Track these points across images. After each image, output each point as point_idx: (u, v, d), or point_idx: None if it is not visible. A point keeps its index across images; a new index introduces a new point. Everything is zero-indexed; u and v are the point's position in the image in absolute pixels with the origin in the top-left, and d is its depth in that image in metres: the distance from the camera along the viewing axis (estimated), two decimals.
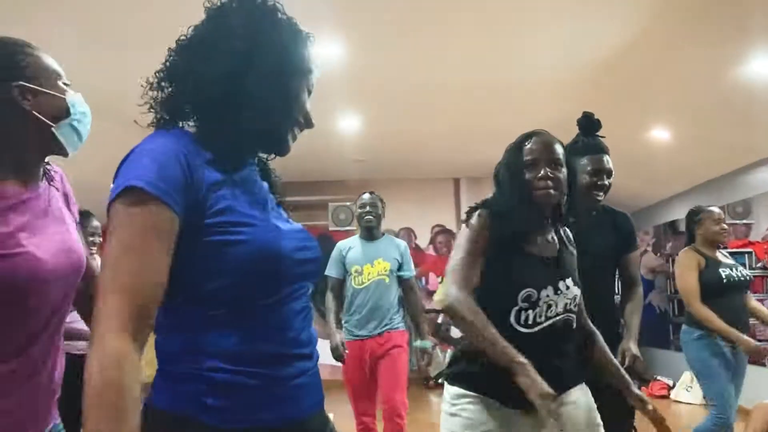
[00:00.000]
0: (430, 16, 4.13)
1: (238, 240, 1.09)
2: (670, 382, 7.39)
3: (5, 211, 1.27)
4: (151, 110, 1.19)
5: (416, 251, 9.21)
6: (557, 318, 1.92)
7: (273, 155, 1.34)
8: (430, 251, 9.30)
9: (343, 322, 4.17)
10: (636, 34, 4.21)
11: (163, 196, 1.03)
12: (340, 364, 4.12)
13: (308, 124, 1.31)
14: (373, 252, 4.11)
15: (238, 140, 1.19)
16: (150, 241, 1.02)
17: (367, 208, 4.17)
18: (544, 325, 1.90)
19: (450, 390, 1.98)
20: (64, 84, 1.43)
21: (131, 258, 1.00)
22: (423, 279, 9.18)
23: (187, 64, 1.17)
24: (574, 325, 1.99)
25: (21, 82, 1.32)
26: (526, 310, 1.88)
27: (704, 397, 4.49)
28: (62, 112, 1.39)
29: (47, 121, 1.35)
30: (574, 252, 2.11)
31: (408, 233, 9.28)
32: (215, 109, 1.15)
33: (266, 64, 1.16)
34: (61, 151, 1.42)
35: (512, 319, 1.88)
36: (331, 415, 1.50)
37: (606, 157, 2.64)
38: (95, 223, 3.79)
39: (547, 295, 1.89)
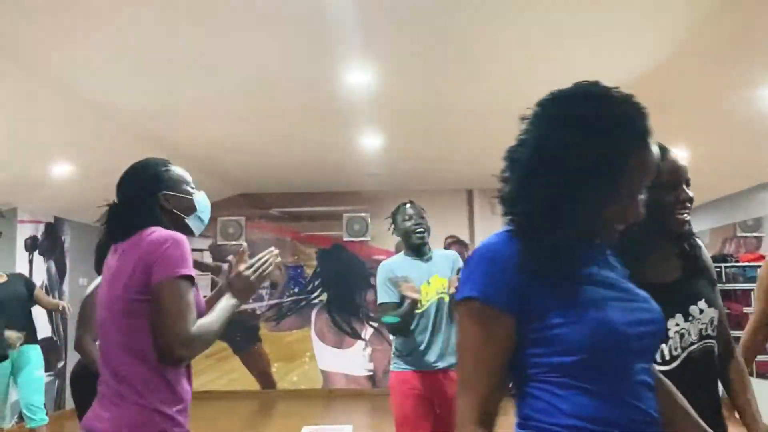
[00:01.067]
0: (454, 45, 4.27)
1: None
2: None
3: None
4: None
5: None
6: (693, 347, 1.72)
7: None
8: None
9: (397, 352, 3.48)
10: (661, 59, 4.33)
11: None
12: (354, 373, 3.94)
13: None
14: (426, 269, 3.53)
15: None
16: None
17: (415, 220, 3.54)
18: (683, 356, 1.70)
19: None
20: (191, 187, 2.00)
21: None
22: None
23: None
24: (715, 352, 1.77)
25: (164, 191, 1.93)
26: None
27: None
28: (191, 208, 1.99)
29: (182, 215, 1.97)
30: (707, 268, 1.86)
31: None
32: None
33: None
34: (190, 233, 1.98)
35: None
36: (350, 427, 1.58)
37: None
38: None
39: (677, 324, 1.71)
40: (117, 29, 3.85)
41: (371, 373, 8.95)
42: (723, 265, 7.00)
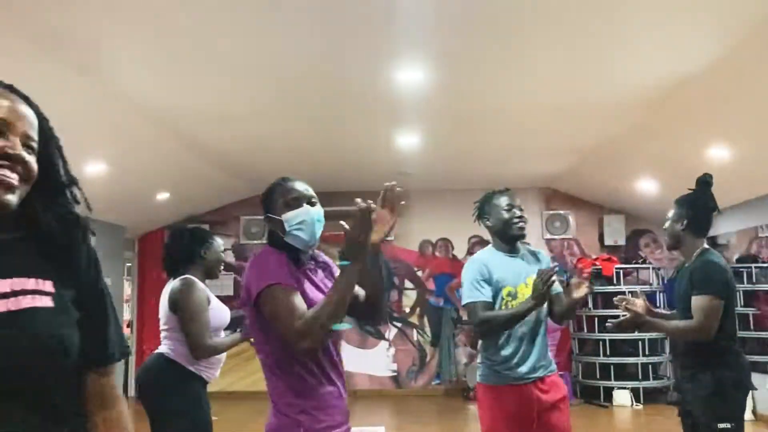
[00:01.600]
0: (500, 44, 4.28)
1: None
2: None
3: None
4: None
5: (453, 261, 9.25)
6: None
7: None
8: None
9: (487, 361, 3.00)
10: (711, 60, 4.29)
11: None
12: (378, 374, 3.70)
13: None
14: (521, 268, 3.04)
15: None
16: None
17: (516, 212, 3.04)
18: None
19: None
20: (289, 206, 2.12)
21: None
22: (460, 290, 9.16)
23: None
24: None
25: (267, 214, 2.17)
26: None
27: None
28: (283, 229, 2.10)
29: (281, 235, 2.12)
30: None
31: (445, 244, 9.32)
32: None
33: None
34: (299, 247, 2.11)
35: None
36: (382, 428, 1.57)
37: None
38: None
39: None
40: (157, 27, 3.88)
41: (395, 374, 8.96)
42: (753, 265, 6.91)
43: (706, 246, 3.09)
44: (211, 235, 3.47)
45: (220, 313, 3.25)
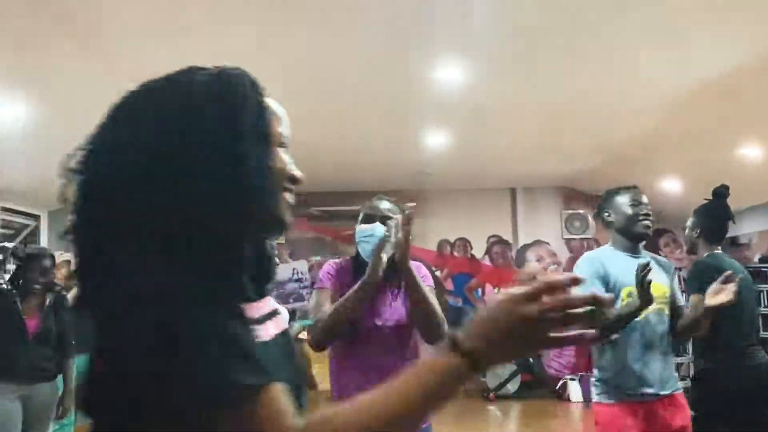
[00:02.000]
0: (534, 45, 4.30)
1: None
2: None
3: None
4: None
5: (471, 261, 9.20)
6: None
7: None
8: (486, 262, 9.26)
9: (603, 376, 2.75)
10: (738, 61, 4.28)
11: None
12: None
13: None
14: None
15: None
16: None
17: (643, 209, 2.82)
18: None
19: None
20: (364, 220, 2.38)
21: None
22: (479, 290, 9.14)
23: None
24: None
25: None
26: None
27: None
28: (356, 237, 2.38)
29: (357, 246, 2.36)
30: None
31: (464, 244, 9.26)
32: None
33: None
34: (365, 260, 2.26)
35: None
36: None
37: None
38: None
39: None
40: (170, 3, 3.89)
41: None
42: None
43: (715, 251, 3.29)
44: None
45: None
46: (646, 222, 2.79)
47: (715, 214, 3.35)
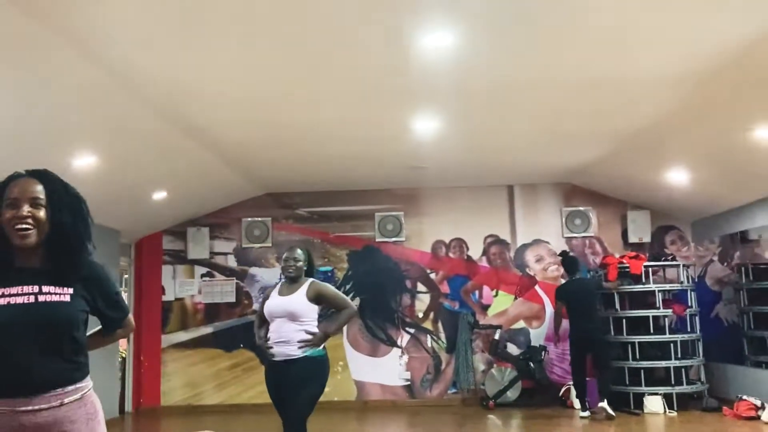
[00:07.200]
0: (524, 14, 4.05)
1: None
2: (758, 402, 7.02)
3: None
4: None
5: (468, 262, 9.05)
6: None
7: None
8: (483, 263, 9.11)
9: None
10: (758, 37, 4.14)
11: None
12: (390, 383, 3.80)
13: None
14: None
15: None
16: None
17: None
18: None
19: None
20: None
21: None
22: (476, 292, 8.99)
23: None
24: None
25: None
26: None
27: None
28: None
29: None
30: None
31: (459, 244, 9.13)
32: None
33: None
34: None
35: None
36: None
37: None
38: None
39: None
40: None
41: (408, 383, 8.85)
42: None
43: None
44: None
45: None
46: None
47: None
